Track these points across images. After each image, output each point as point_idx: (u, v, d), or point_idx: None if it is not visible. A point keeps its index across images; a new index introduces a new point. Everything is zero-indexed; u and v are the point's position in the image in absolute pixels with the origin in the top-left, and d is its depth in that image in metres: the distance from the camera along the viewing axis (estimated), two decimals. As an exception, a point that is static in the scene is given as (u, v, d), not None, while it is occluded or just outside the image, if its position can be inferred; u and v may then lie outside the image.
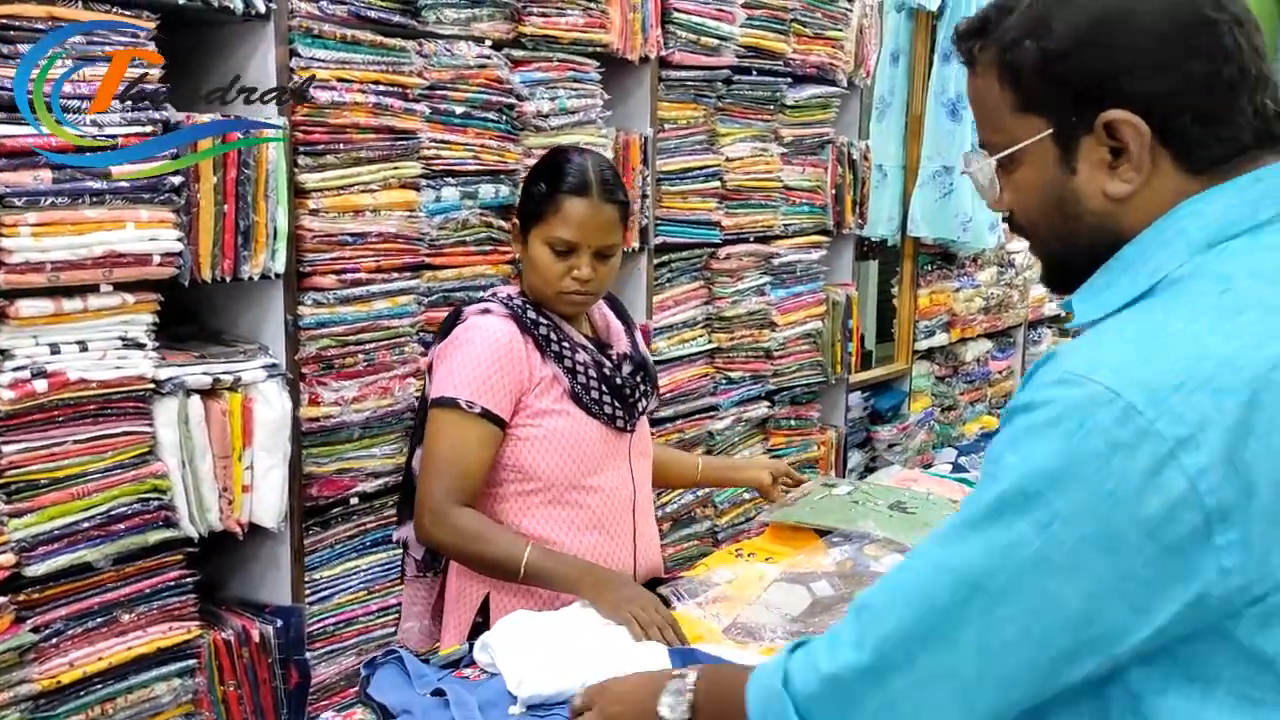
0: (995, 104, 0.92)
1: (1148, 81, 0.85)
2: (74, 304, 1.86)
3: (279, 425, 2.13)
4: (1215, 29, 0.85)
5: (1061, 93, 0.88)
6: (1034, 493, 0.78)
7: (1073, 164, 0.89)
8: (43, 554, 1.86)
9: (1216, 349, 0.77)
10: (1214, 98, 0.85)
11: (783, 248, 3.58)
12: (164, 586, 2.05)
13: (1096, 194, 0.89)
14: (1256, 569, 0.76)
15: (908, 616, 0.84)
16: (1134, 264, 0.88)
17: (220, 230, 2.04)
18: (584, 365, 1.79)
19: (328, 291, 2.26)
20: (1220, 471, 0.74)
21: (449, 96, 2.45)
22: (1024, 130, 0.90)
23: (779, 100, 3.47)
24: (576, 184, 1.76)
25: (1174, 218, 0.86)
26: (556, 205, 1.76)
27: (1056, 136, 0.89)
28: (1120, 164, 0.87)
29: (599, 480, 1.81)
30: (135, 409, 1.96)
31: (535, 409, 1.75)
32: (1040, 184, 0.92)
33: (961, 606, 0.81)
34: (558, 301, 1.80)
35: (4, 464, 1.81)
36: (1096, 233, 0.90)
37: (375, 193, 2.32)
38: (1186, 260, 0.84)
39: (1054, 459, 0.78)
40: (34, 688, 1.88)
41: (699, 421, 3.36)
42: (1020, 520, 0.79)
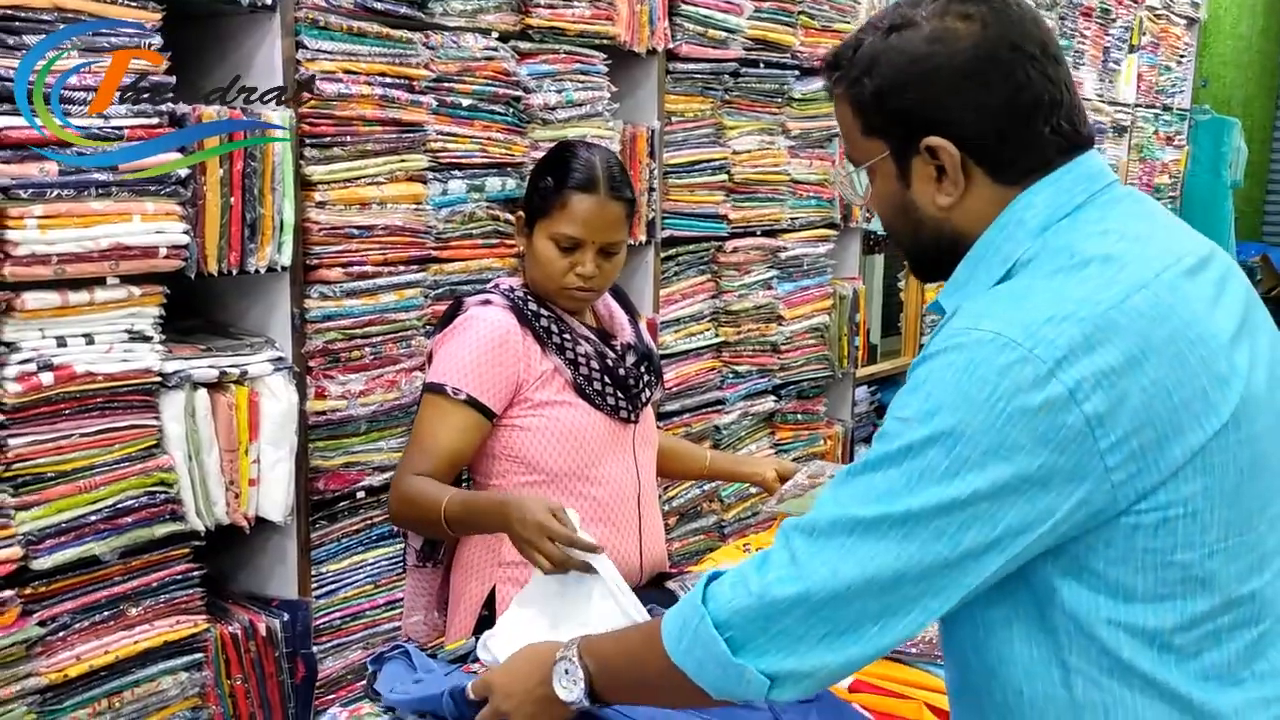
0: (850, 127, 1.08)
1: (955, 112, 1.01)
2: (80, 297, 1.85)
3: (285, 419, 2.12)
4: (1009, 65, 1.00)
5: (892, 121, 1.04)
6: (938, 422, 0.92)
7: (908, 179, 1.06)
8: (49, 547, 1.86)
9: (1073, 293, 0.94)
10: (1012, 123, 1.01)
11: (790, 241, 3.56)
12: (171, 580, 2.05)
13: (929, 203, 1.05)
14: (1137, 465, 0.91)
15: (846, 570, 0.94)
16: (985, 257, 1.03)
17: (226, 223, 2.03)
18: (586, 357, 1.78)
19: (334, 285, 2.25)
20: (1093, 382, 0.90)
21: (455, 89, 2.44)
22: (871, 150, 1.07)
23: (786, 93, 3.46)
24: (584, 180, 1.75)
25: (1011, 213, 1.02)
26: (563, 201, 1.75)
27: (894, 156, 1.06)
28: (944, 179, 1.03)
29: (602, 471, 1.80)
30: (142, 402, 1.96)
31: (536, 401, 1.75)
32: (888, 194, 1.09)
33: (893, 543, 0.93)
34: (560, 297, 1.80)
35: (10, 457, 1.81)
36: (935, 234, 1.07)
37: (382, 185, 2.31)
38: (1030, 243, 1.00)
39: (952, 392, 0.92)
40: (40, 681, 1.87)
41: (705, 415, 3.36)
42: (931, 449, 0.92)
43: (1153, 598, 0.93)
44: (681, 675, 1.02)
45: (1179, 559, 0.93)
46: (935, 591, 0.94)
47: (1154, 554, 0.92)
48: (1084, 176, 1.03)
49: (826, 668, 0.97)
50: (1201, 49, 6.84)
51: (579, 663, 1.17)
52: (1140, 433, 0.90)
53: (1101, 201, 1.02)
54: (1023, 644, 0.98)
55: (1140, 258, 0.97)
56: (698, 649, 1.01)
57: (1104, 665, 0.95)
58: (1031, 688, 0.98)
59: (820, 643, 0.95)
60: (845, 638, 0.95)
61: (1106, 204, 1.02)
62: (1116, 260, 0.96)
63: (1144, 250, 0.98)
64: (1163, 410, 0.91)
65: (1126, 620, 0.93)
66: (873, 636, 0.95)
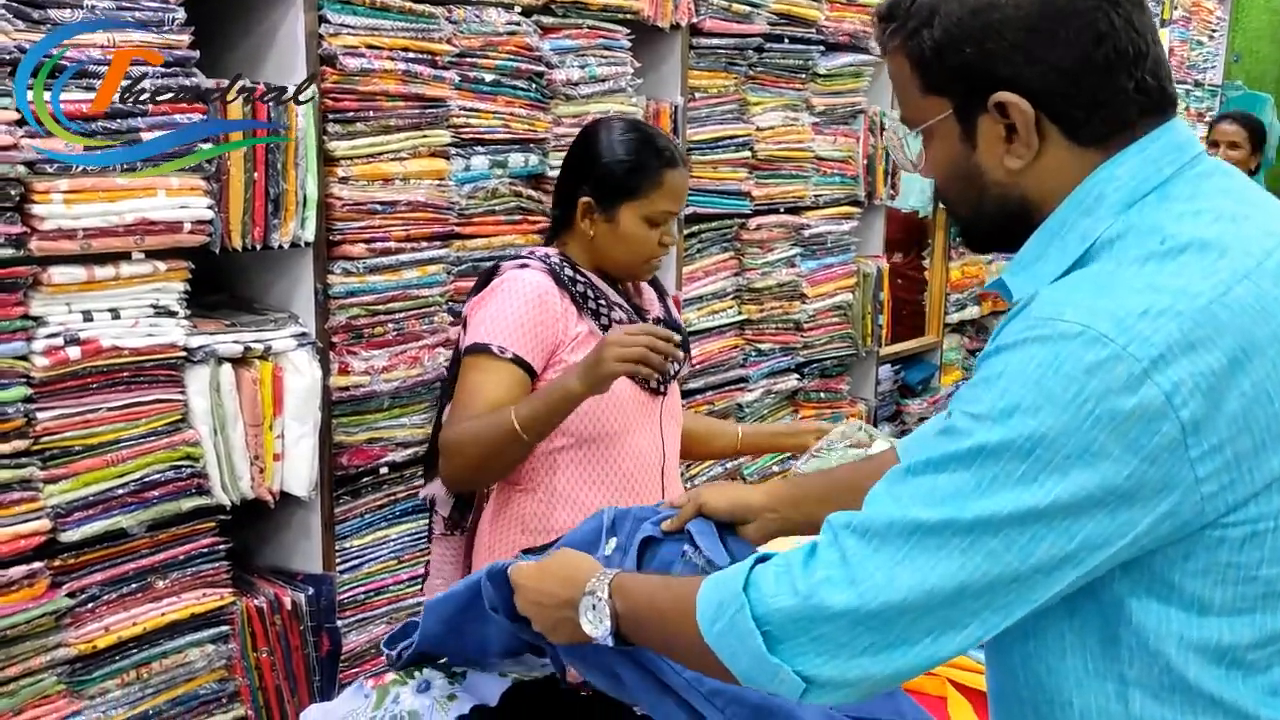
0: (906, 84, 0.99)
1: (1024, 67, 0.91)
2: (106, 271, 1.86)
3: (309, 394, 2.13)
4: (1084, 16, 0.90)
5: (955, 77, 0.95)
6: (1016, 423, 0.83)
7: (973, 140, 0.96)
8: (78, 520, 1.88)
9: (1168, 283, 0.84)
10: (1090, 80, 0.91)
11: (813, 219, 3.54)
12: (197, 553, 2.06)
13: (996, 167, 0.96)
14: (1230, 476, 0.83)
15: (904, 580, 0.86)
16: (1059, 234, 0.94)
17: (250, 198, 2.03)
18: (619, 324, 1.79)
19: (357, 260, 2.25)
20: (1190, 385, 0.81)
21: (478, 64, 2.43)
22: (931, 109, 0.98)
23: (811, 69, 3.43)
24: (672, 156, 1.81)
25: (1091, 186, 0.93)
26: (660, 180, 1.78)
27: (958, 115, 0.96)
28: (1015, 140, 0.94)
29: (629, 441, 1.80)
30: (167, 377, 1.97)
31: (571, 363, 1.74)
32: (949, 158, 0.99)
33: (956, 552, 0.85)
34: (642, 270, 1.86)
35: (39, 430, 1.82)
36: (1001, 201, 0.97)
37: (405, 161, 2.31)
38: (1112, 221, 0.91)
39: (1033, 390, 0.83)
40: (70, 652, 1.90)
41: (729, 393, 3.35)
42: (1006, 451, 0.84)
43: (1230, 612, 0.86)
44: (711, 652, 0.97)
45: (1264, 574, 0.86)
46: (998, 606, 0.86)
47: (1237, 568, 0.85)
48: (1172, 146, 0.93)
49: (870, 678, 0.89)
50: (1234, 23, 6.73)
51: (608, 601, 1.11)
52: (1236, 441, 0.82)
53: (1191, 176, 0.92)
54: (1077, 655, 0.91)
55: (1239, 243, 0.87)
56: (732, 637, 0.94)
57: (1166, 680, 0.88)
58: (1083, 700, 0.91)
59: (865, 652, 0.88)
60: (894, 650, 0.88)
61: (1197, 179, 0.93)
62: (1214, 246, 0.87)
63: (1242, 234, 0.89)
64: (1262, 417, 0.83)
65: (1198, 635, 0.87)
66: (924, 649, 0.88)
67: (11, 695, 1.84)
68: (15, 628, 1.81)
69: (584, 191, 1.81)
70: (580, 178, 1.83)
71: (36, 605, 1.83)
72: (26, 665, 1.85)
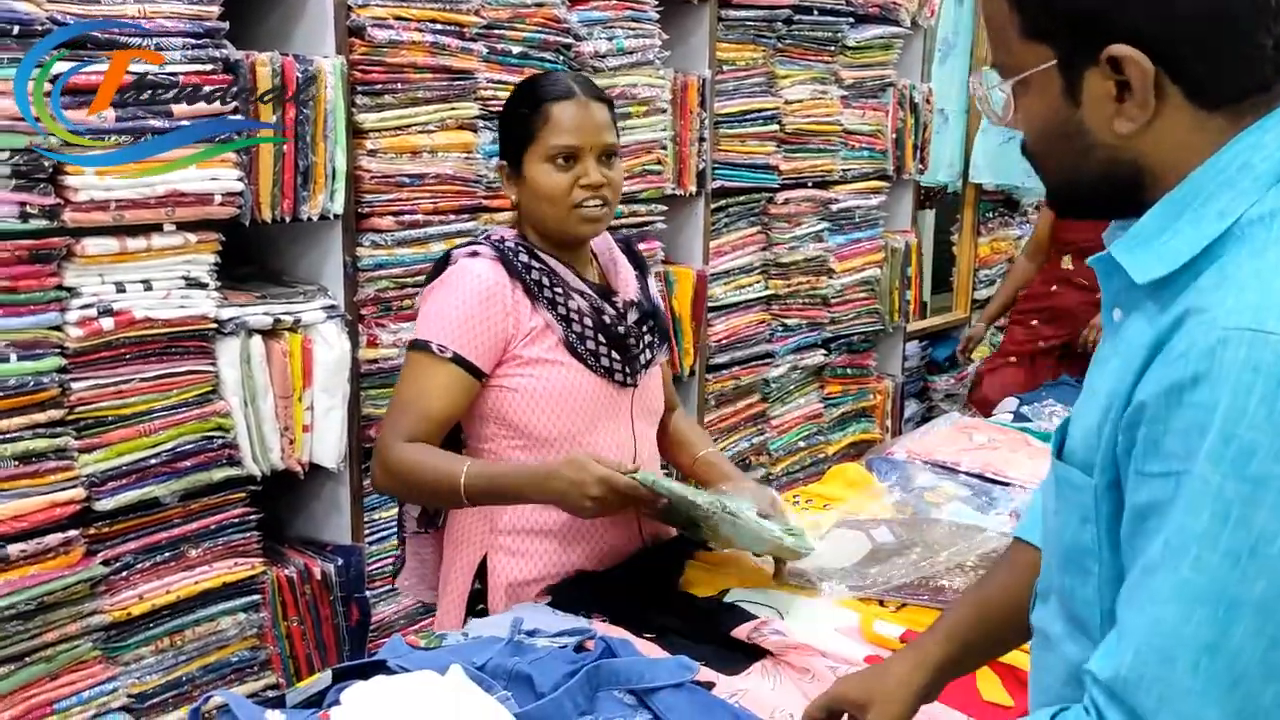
0: (1004, 25, 0.88)
1: (1147, 17, 0.80)
2: (138, 243, 1.88)
3: (338, 366, 2.14)
4: None
5: (1064, 23, 0.84)
6: (1263, 472, 0.72)
7: (1078, 97, 0.85)
8: (111, 489, 1.90)
9: None
10: (1221, 34, 0.80)
11: (841, 193, 3.52)
12: (228, 523, 2.09)
13: (1103, 129, 0.84)
14: None
15: (1213, 694, 0.74)
16: (1192, 206, 0.82)
17: (280, 170, 2.04)
18: (579, 313, 1.64)
19: (386, 233, 2.26)
20: None
21: (506, 36, 2.42)
22: (1031, 57, 0.86)
23: (840, 41, 3.39)
24: (559, 90, 1.64)
25: (1233, 154, 0.82)
26: (545, 116, 1.62)
27: (1061, 67, 0.85)
28: (1127, 100, 0.82)
29: (595, 439, 1.65)
30: (198, 348, 1.98)
31: (525, 358, 1.62)
32: (1047, 114, 0.87)
33: (1248, 639, 0.74)
34: (573, 222, 1.64)
35: (74, 400, 1.85)
36: (1108, 165, 0.86)
37: (432, 133, 2.31)
38: (1260, 197, 0.80)
39: (1269, 428, 0.72)
40: (105, 619, 1.93)
41: (755, 369, 3.34)
42: (1259, 510, 0.72)
43: None
44: None
45: None
46: None
47: None
48: None
49: None
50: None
51: None
52: None
53: None
54: None
55: None
56: None
57: None
58: None
59: None
60: None
61: None
62: None
63: None
64: None
65: None
66: None
67: (48, 660, 1.87)
68: (52, 594, 1.83)
69: (501, 157, 1.70)
70: (500, 144, 1.73)
71: (72, 572, 1.85)
72: (63, 631, 1.88)
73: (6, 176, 1.72)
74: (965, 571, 1.63)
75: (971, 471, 2.12)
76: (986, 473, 2.11)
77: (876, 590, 1.60)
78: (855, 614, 1.56)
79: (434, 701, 1.17)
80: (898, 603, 1.58)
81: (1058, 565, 0.94)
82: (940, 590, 1.58)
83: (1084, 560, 0.89)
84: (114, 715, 1.95)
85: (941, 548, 1.69)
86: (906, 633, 1.49)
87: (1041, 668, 0.99)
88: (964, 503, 1.96)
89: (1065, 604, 0.93)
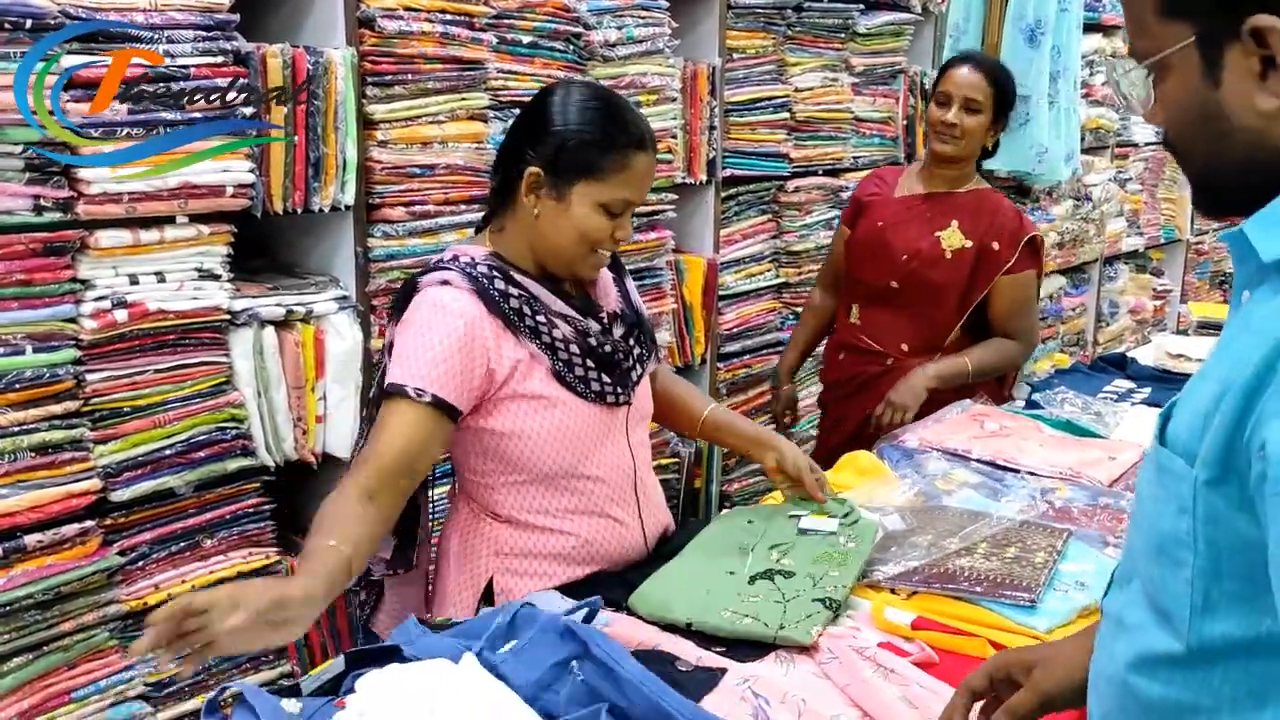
0: (1140, 6, 0.85)
1: None
2: (151, 235, 1.89)
3: (350, 356, 2.15)
4: None
5: None
6: None
7: (1218, 75, 0.81)
8: (127, 480, 1.92)
9: None
10: None
11: (852, 181, 3.50)
12: (243, 513, 2.10)
13: (1246, 109, 0.80)
14: None
15: None
16: None
17: (291, 162, 2.05)
18: (564, 340, 1.58)
19: (397, 224, 2.26)
20: None
21: (516, 25, 2.42)
22: (1167, 36, 0.83)
23: (850, 28, 3.38)
24: (639, 138, 1.54)
25: None
26: (626, 162, 1.53)
27: (1200, 44, 0.81)
28: (1271, 76, 0.79)
29: (595, 463, 1.63)
30: (212, 339, 1.99)
31: (516, 393, 1.56)
32: (1185, 97, 0.84)
33: None
34: (584, 266, 1.59)
35: (89, 392, 1.86)
36: (1250, 152, 0.82)
37: (443, 124, 2.31)
38: None
39: None
40: (121, 608, 1.94)
41: (766, 357, 3.34)
42: None
43: None
44: None
45: None
46: None
47: None
48: None
49: None
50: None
51: None
52: None
53: None
54: None
55: None
56: None
57: None
58: None
59: None
60: None
61: None
62: None
63: None
64: None
65: None
66: None
67: (66, 650, 1.89)
68: (69, 584, 1.85)
69: (532, 160, 1.54)
70: (530, 144, 1.56)
71: (89, 563, 1.87)
72: (80, 621, 1.89)
73: (20, 170, 1.73)
74: (975, 557, 1.63)
75: (983, 459, 2.12)
76: (998, 460, 2.11)
77: (887, 577, 1.60)
78: (866, 601, 1.56)
79: (448, 690, 1.18)
80: (909, 590, 1.59)
81: (1146, 553, 0.90)
82: (951, 576, 1.58)
83: (1178, 551, 0.85)
84: (131, 704, 1.97)
85: (952, 534, 1.69)
86: (918, 619, 1.49)
87: (1106, 653, 0.96)
88: (975, 490, 1.95)
89: (1150, 593, 0.90)
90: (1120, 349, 4.26)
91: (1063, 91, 3.98)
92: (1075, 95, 4.11)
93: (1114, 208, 4.91)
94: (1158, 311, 5.48)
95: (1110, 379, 2.81)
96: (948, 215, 2.56)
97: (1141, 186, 5.19)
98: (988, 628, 1.49)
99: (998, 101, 2.53)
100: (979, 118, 2.51)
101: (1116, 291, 5.18)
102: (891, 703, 1.28)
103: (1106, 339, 5.10)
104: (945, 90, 2.52)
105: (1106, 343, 5.07)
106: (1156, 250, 5.53)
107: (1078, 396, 2.57)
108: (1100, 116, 4.58)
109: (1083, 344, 5.00)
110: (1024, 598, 1.51)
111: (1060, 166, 4.16)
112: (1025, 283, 2.58)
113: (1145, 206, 5.26)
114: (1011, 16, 4.01)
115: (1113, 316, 5.17)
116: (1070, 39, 3.99)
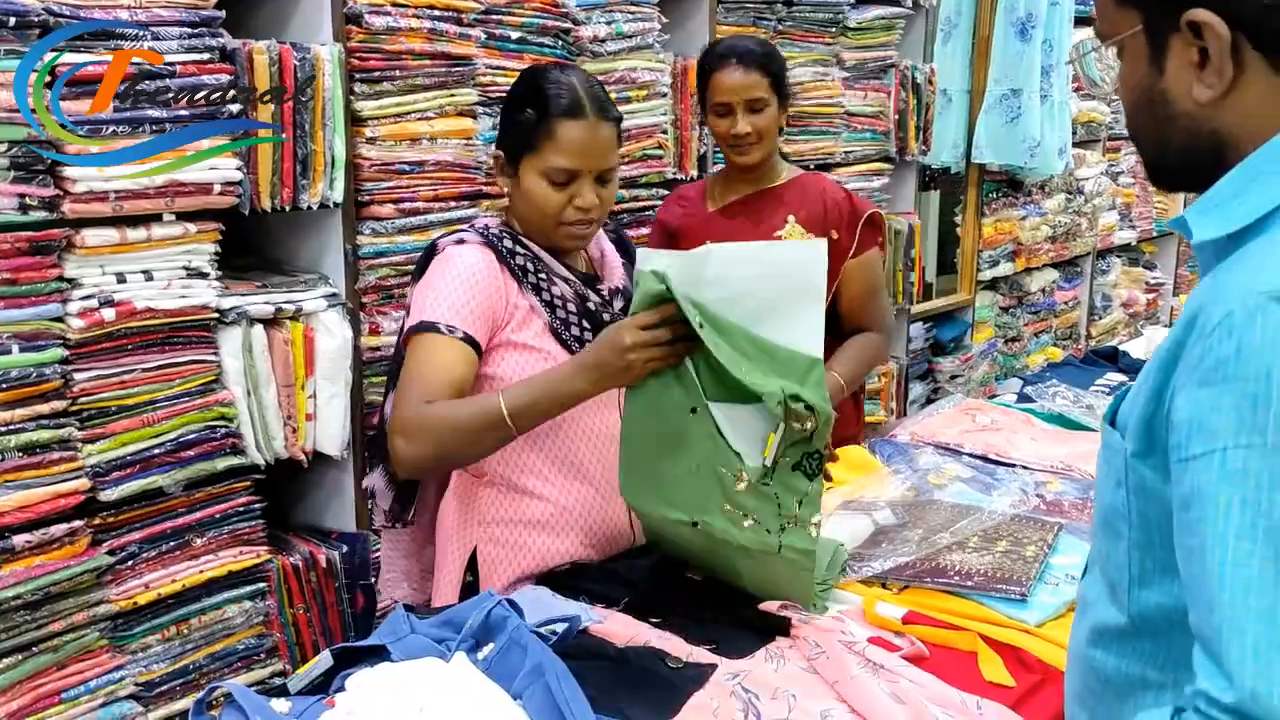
0: None
1: None
2: (138, 233, 1.88)
3: (340, 354, 2.15)
4: None
5: None
6: None
7: (1162, 63, 0.85)
8: (116, 479, 1.91)
9: None
10: None
11: (844, 175, 3.49)
12: (233, 512, 2.09)
13: (1184, 96, 0.85)
14: None
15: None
16: (1264, 172, 0.82)
17: (279, 159, 2.04)
18: (563, 299, 1.64)
19: (386, 221, 2.26)
20: None
21: (504, 21, 2.41)
22: (1121, 22, 0.87)
23: (841, 22, 3.37)
24: (569, 105, 1.59)
25: None
26: (550, 131, 1.59)
27: (1147, 31, 0.85)
28: (1207, 67, 0.83)
29: (581, 426, 1.65)
30: (200, 338, 1.99)
31: (513, 343, 1.62)
32: (1135, 81, 0.88)
33: None
34: (558, 236, 1.64)
35: (76, 391, 1.85)
36: (1189, 136, 0.86)
37: (432, 121, 2.30)
38: None
39: None
40: (111, 608, 1.94)
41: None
42: None
43: None
44: None
45: None
46: None
47: None
48: None
49: None
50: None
51: None
52: None
53: None
54: None
55: None
56: None
57: None
58: None
59: None
60: None
61: None
62: None
63: None
64: None
65: None
66: None
67: (56, 650, 1.88)
68: (58, 584, 1.85)
69: (499, 145, 1.68)
70: (499, 129, 1.71)
71: (78, 562, 1.86)
72: (70, 621, 1.89)
73: (5, 169, 1.72)
74: (967, 551, 1.63)
75: (974, 453, 2.12)
76: (989, 454, 2.11)
77: (878, 572, 1.60)
78: (857, 596, 1.56)
79: (438, 689, 1.18)
80: (900, 585, 1.58)
81: (1098, 529, 0.95)
82: (942, 571, 1.58)
83: (1117, 523, 0.90)
84: (121, 704, 1.97)
85: (943, 528, 1.69)
86: (909, 614, 1.49)
87: (1074, 634, 1.01)
88: (967, 484, 1.96)
89: (1102, 567, 0.94)
90: (1113, 342, 4.27)
91: (1055, 85, 3.98)
92: (1067, 89, 4.12)
93: (1106, 201, 4.91)
94: (1150, 305, 5.49)
95: (1102, 372, 2.81)
96: (778, 211, 2.31)
97: (1134, 180, 5.19)
98: (979, 621, 1.49)
99: (776, 85, 2.29)
100: (767, 112, 2.27)
101: (1109, 285, 5.19)
102: (879, 698, 1.28)
103: (1099, 332, 5.11)
104: (722, 102, 2.26)
105: (1099, 336, 5.08)
106: (1149, 243, 5.54)
107: (1070, 390, 2.57)
108: (1092, 110, 4.58)
109: (1075, 337, 5.00)
110: (1015, 591, 1.51)
111: (1053, 160, 4.16)
112: (871, 263, 2.32)
113: (1137, 200, 5.26)
114: (1003, 10, 4.01)
115: (1105, 310, 5.17)
116: (1062, 32, 3.99)
